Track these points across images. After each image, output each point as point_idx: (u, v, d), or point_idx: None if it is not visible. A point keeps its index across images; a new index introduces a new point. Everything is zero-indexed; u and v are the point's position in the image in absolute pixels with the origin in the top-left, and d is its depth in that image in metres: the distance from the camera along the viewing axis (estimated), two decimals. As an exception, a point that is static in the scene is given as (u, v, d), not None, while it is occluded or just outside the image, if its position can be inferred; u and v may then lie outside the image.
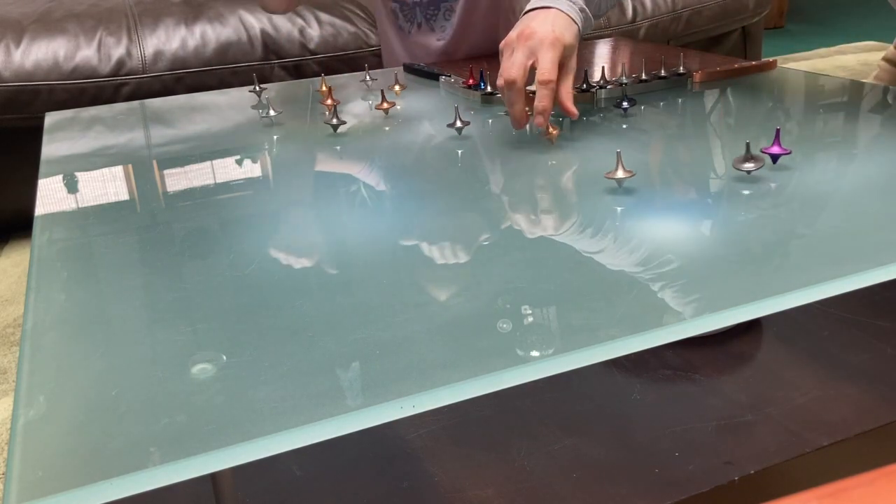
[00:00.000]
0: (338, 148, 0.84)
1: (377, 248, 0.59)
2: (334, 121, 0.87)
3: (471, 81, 1.00)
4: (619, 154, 0.65)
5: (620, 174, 0.65)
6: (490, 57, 1.29)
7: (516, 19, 1.32)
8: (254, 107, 1.02)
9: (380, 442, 0.73)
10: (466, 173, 0.73)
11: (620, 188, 0.65)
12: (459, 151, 0.80)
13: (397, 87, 1.04)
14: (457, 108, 0.84)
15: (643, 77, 0.99)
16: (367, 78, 1.12)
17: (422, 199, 0.69)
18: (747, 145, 0.65)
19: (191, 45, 1.74)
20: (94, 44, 1.70)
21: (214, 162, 0.83)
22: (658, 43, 2.08)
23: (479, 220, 0.64)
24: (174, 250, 0.60)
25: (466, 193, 0.69)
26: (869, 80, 1.24)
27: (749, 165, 0.65)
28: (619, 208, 0.63)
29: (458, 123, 0.84)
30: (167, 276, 0.56)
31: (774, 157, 0.69)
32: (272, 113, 0.94)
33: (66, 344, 0.47)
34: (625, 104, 0.88)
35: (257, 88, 1.06)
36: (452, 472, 0.68)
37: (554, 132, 0.78)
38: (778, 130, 0.69)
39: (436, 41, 1.30)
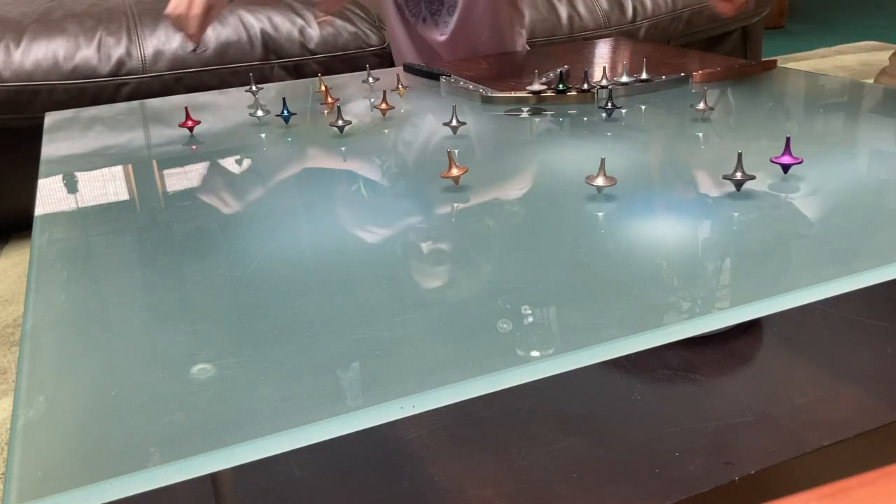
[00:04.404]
0: (342, 149, 0.84)
1: (377, 247, 0.59)
2: (339, 122, 0.87)
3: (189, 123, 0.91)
4: (602, 160, 0.64)
5: (601, 181, 0.64)
6: (489, 55, 1.30)
7: (518, 13, 1.32)
8: (250, 107, 1.02)
9: (380, 442, 0.73)
10: (466, 174, 0.73)
11: (601, 193, 0.65)
12: (457, 151, 0.80)
13: (401, 88, 1.04)
14: (454, 108, 0.84)
15: (643, 77, 0.99)
16: (370, 79, 1.12)
17: (419, 199, 0.69)
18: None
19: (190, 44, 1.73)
20: (94, 44, 1.70)
21: (214, 162, 0.83)
22: (658, 43, 2.07)
23: (477, 220, 0.64)
24: (174, 250, 0.60)
25: (464, 193, 0.69)
26: (878, 74, 1.23)
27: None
28: (617, 210, 0.63)
29: (455, 123, 0.84)
30: (167, 276, 0.56)
31: (785, 168, 0.67)
32: (260, 113, 0.94)
33: (66, 344, 0.47)
34: (609, 106, 0.88)
35: (253, 88, 1.06)
36: (452, 472, 0.68)
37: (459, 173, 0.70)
38: (788, 139, 0.67)
39: (439, 36, 1.31)
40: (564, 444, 0.71)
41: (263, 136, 0.90)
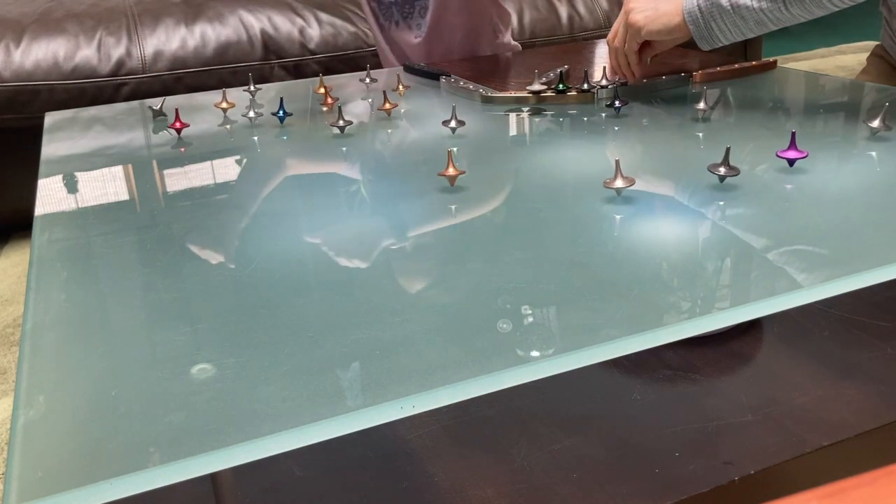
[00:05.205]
0: (343, 149, 0.84)
1: (377, 248, 0.59)
2: (340, 122, 0.87)
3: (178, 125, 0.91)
4: (617, 162, 0.64)
5: (619, 183, 0.64)
6: (467, 56, 1.29)
7: (502, 11, 1.32)
8: (248, 107, 1.02)
9: (380, 442, 0.73)
10: (466, 174, 0.73)
11: (620, 194, 0.65)
12: (456, 149, 0.80)
13: (401, 88, 1.04)
14: (454, 108, 0.85)
15: (643, 77, 0.99)
16: (368, 79, 1.12)
17: (419, 199, 0.69)
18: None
19: (190, 45, 1.74)
20: (94, 44, 1.70)
21: (214, 162, 0.83)
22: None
23: (477, 220, 0.64)
24: (174, 250, 0.60)
25: (464, 193, 0.69)
26: (858, 74, 1.24)
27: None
28: (617, 210, 0.63)
29: (454, 123, 0.84)
30: (167, 276, 0.56)
31: (791, 161, 0.68)
32: (251, 115, 0.94)
33: (66, 344, 0.47)
34: (617, 103, 0.88)
35: (251, 89, 1.06)
36: (452, 472, 0.68)
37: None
38: (794, 133, 0.68)
39: (414, 38, 1.31)
40: (564, 444, 0.71)
41: (260, 136, 0.90)
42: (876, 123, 0.75)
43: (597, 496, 0.65)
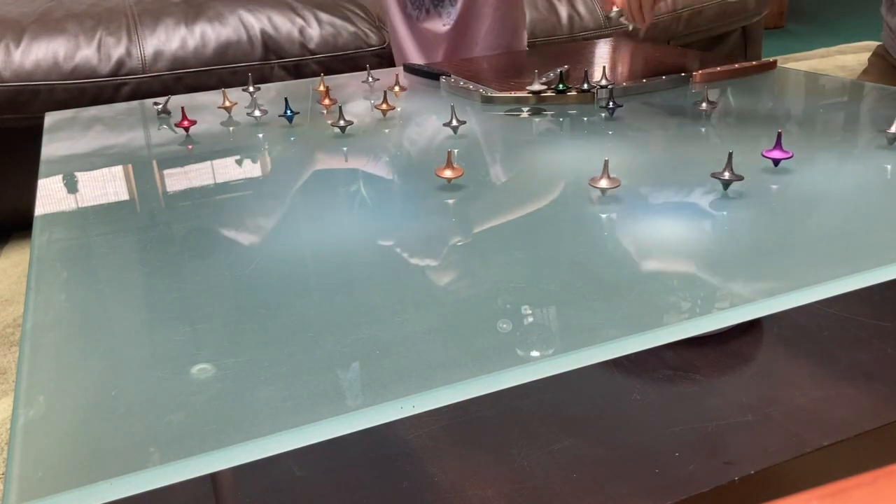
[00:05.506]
0: (344, 149, 0.84)
1: (378, 248, 0.59)
2: (341, 122, 0.87)
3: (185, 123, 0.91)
4: (606, 162, 0.64)
5: (604, 183, 0.64)
6: (487, 51, 1.31)
7: (521, 10, 1.35)
8: (247, 107, 1.02)
9: (380, 442, 0.73)
10: (466, 174, 0.73)
11: (604, 195, 0.65)
12: (456, 151, 0.80)
13: (397, 88, 1.04)
14: (453, 108, 0.85)
15: (643, 77, 0.99)
16: (370, 79, 1.12)
17: (420, 199, 0.69)
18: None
19: (191, 45, 1.74)
20: (94, 44, 1.70)
21: (214, 162, 0.83)
22: (658, 43, 2.07)
23: (478, 220, 0.64)
24: (174, 250, 0.60)
25: (465, 193, 0.69)
26: (860, 74, 1.24)
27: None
28: (617, 210, 0.63)
29: (455, 123, 0.84)
30: (167, 276, 0.56)
31: (776, 161, 0.68)
32: (257, 113, 0.94)
33: (66, 344, 0.47)
34: (610, 105, 0.88)
35: (251, 89, 1.06)
36: (452, 472, 0.68)
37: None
38: (780, 133, 0.68)
39: (442, 26, 1.34)
40: (564, 444, 0.71)
41: (261, 136, 0.90)
42: (894, 129, 0.73)
43: (597, 496, 0.65)
